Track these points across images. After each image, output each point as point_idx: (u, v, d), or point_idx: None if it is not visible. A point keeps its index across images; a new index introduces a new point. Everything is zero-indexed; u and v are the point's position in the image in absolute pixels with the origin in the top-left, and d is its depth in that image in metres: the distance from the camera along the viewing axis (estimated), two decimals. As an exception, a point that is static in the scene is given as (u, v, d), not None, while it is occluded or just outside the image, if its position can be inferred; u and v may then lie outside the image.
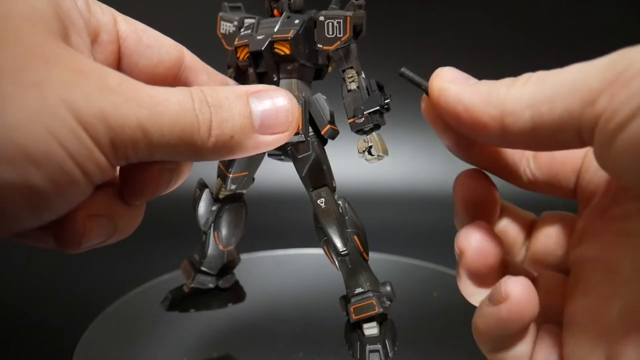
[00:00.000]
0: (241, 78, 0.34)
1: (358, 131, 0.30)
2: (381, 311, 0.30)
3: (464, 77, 0.25)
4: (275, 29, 0.30)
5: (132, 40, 0.29)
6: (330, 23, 0.30)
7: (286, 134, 0.27)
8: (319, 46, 0.30)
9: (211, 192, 0.37)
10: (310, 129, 0.30)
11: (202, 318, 0.44)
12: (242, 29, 0.32)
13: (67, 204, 0.21)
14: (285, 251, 0.62)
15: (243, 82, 0.33)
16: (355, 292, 0.31)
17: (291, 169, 0.32)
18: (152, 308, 0.48)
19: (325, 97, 0.31)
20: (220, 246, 0.38)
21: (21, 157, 0.19)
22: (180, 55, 0.30)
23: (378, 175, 0.85)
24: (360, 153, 0.30)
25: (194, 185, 0.37)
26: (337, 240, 0.30)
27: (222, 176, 0.35)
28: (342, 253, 0.30)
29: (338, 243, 0.30)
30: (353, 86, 0.30)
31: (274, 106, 0.26)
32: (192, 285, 0.39)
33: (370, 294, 0.30)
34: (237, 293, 0.43)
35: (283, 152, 0.32)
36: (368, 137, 0.30)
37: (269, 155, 0.33)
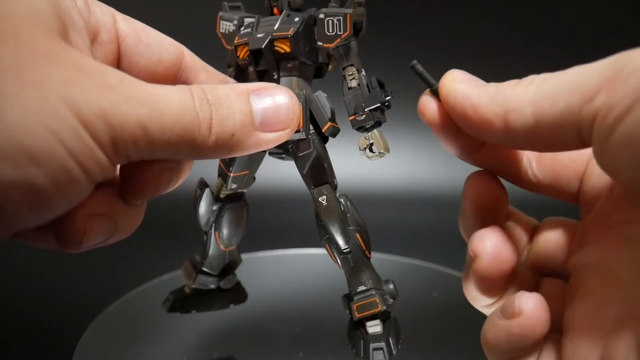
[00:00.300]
0: (241, 77, 0.33)
1: (359, 128, 0.30)
2: (384, 309, 0.30)
3: (473, 79, 0.25)
4: (275, 27, 0.30)
5: (132, 39, 0.28)
6: (330, 21, 0.30)
7: (287, 132, 0.27)
8: (319, 44, 0.30)
9: (212, 192, 0.37)
10: (311, 127, 0.30)
11: (202, 318, 0.44)
12: (242, 28, 0.32)
13: (68, 203, 0.21)
14: (285, 251, 0.62)
15: (243, 81, 0.33)
16: (357, 290, 0.30)
17: (291, 169, 0.32)
18: (152, 308, 0.48)
19: (326, 95, 0.30)
20: (221, 246, 0.38)
21: (22, 156, 0.19)
22: (180, 54, 0.30)
23: (378, 175, 0.85)
24: (361, 150, 0.30)
25: (194, 185, 0.37)
26: (339, 238, 0.30)
27: (223, 175, 0.35)
28: (345, 251, 0.30)
29: (340, 241, 0.30)
30: (353, 84, 0.30)
31: (275, 104, 0.26)
32: (194, 286, 0.39)
33: (373, 292, 0.30)
34: (239, 294, 0.43)
35: (284, 151, 0.31)
36: (369, 135, 0.30)
37: (270, 153, 0.33)
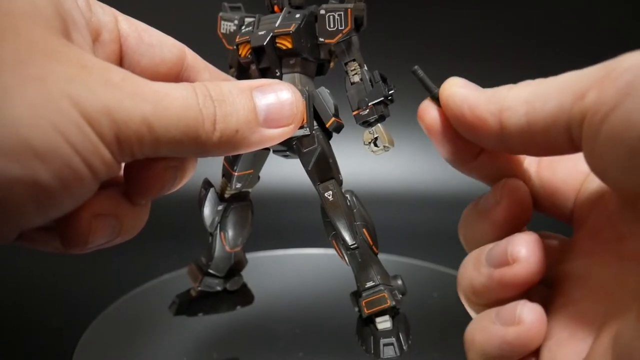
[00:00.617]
0: (243, 77, 0.33)
1: (363, 123, 0.30)
2: (393, 304, 0.29)
3: (474, 85, 0.26)
4: (276, 24, 0.30)
5: (134, 39, 0.28)
6: (331, 16, 0.30)
7: (291, 127, 0.27)
8: (321, 40, 0.30)
9: (216, 192, 0.36)
10: (315, 123, 0.30)
11: (203, 318, 0.43)
12: (243, 27, 0.32)
13: (73, 201, 0.21)
14: (285, 251, 0.62)
15: None
16: (366, 286, 0.30)
17: (291, 170, 0.32)
18: (153, 308, 0.48)
19: (329, 91, 0.30)
20: (227, 247, 0.37)
21: (27, 152, 0.19)
22: (181, 54, 0.30)
23: (378, 175, 0.85)
24: (366, 145, 0.30)
25: (195, 186, 0.37)
26: (346, 233, 0.30)
27: (227, 175, 0.34)
28: (352, 247, 0.30)
29: (347, 236, 0.30)
30: (356, 79, 0.30)
31: (278, 99, 0.26)
32: (200, 288, 0.39)
33: (381, 287, 0.30)
34: (245, 295, 0.42)
35: (288, 148, 0.31)
36: (373, 129, 0.30)
37: (274, 151, 0.33)
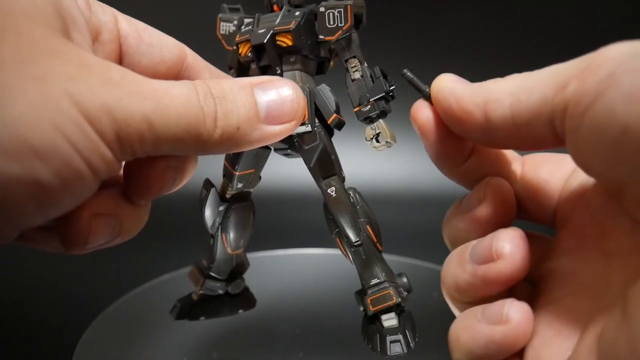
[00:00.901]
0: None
1: (365, 119, 0.30)
2: (399, 301, 0.29)
3: (463, 80, 0.26)
4: (276, 22, 0.30)
5: (133, 39, 0.28)
6: (331, 13, 0.30)
7: (293, 124, 0.27)
8: (321, 37, 0.30)
9: (217, 192, 0.36)
10: (316, 120, 0.30)
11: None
12: (243, 27, 0.33)
13: (73, 200, 0.21)
14: (285, 251, 0.62)
15: None
16: (371, 284, 0.30)
17: (291, 170, 0.32)
18: (152, 308, 0.48)
19: (329, 88, 0.30)
20: (228, 249, 0.37)
21: (27, 151, 0.19)
22: (182, 53, 0.30)
23: (378, 175, 0.85)
24: (368, 141, 0.30)
25: (196, 186, 0.37)
26: (350, 230, 0.30)
27: (229, 175, 0.34)
28: (356, 244, 0.30)
29: (351, 233, 0.30)
30: (357, 75, 0.30)
31: (279, 96, 0.26)
32: (201, 292, 0.38)
33: (386, 284, 0.29)
34: (248, 299, 0.42)
35: (289, 145, 0.31)
36: (375, 125, 0.30)
37: (276, 150, 0.33)
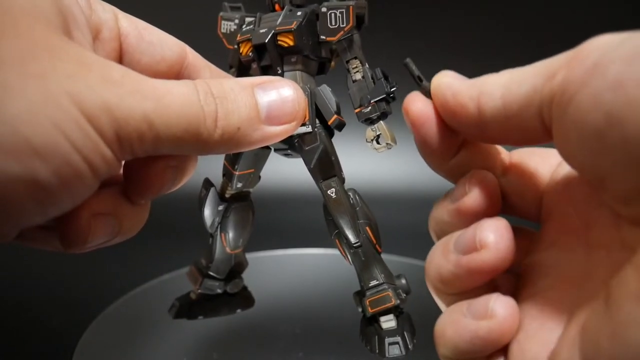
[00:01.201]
0: (243, 77, 0.33)
1: (365, 120, 0.30)
2: (398, 303, 0.29)
3: (463, 77, 0.26)
4: (278, 22, 0.30)
5: (134, 37, 0.28)
6: (332, 14, 0.30)
7: (293, 124, 0.27)
8: (322, 37, 0.30)
9: (217, 192, 0.36)
10: (317, 121, 0.30)
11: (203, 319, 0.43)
12: (244, 26, 0.32)
13: (73, 199, 0.21)
14: (285, 251, 0.62)
15: None
16: (370, 285, 0.30)
17: (291, 170, 0.32)
18: (153, 308, 0.48)
19: (330, 89, 0.30)
20: (227, 249, 0.37)
21: (26, 149, 0.18)
22: (182, 52, 0.30)
23: (378, 175, 0.85)
24: (368, 142, 0.30)
25: (195, 185, 0.37)
26: (349, 232, 0.30)
27: (228, 174, 0.34)
28: (355, 245, 0.30)
29: (350, 235, 0.29)
30: (358, 76, 0.30)
31: (280, 96, 0.26)
32: (200, 291, 0.38)
33: (385, 286, 0.29)
34: (246, 298, 0.42)
35: (290, 146, 0.31)
36: (376, 126, 0.30)
37: (276, 150, 0.32)
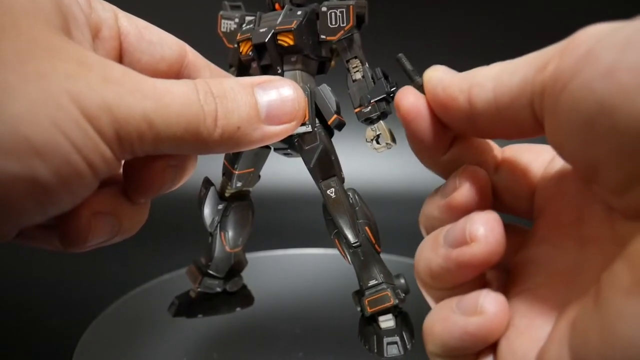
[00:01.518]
0: (243, 76, 0.33)
1: (365, 120, 0.30)
2: (396, 303, 0.29)
3: (454, 71, 0.26)
4: (278, 21, 0.30)
5: (134, 36, 0.28)
6: (333, 13, 0.30)
7: (293, 124, 0.27)
8: (322, 37, 0.30)
9: (217, 191, 0.36)
10: (316, 120, 0.30)
11: (203, 318, 0.43)
12: (244, 25, 0.32)
13: (73, 198, 0.21)
14: (285, 251, 0.62)
15: None
16: (369, 285, 0.30)
17: (290, 169, 0.32)
18: (152, 308, 0.48)
19: (330, 89, 0.30)
20: (227, 248, 0.37)
21: (25, 149, 0.18)
22: (182, 51, 0.30)
23: (378, 175, 0.85)
24: (368, 142, 0.30)
25: (195, 184, 0.37)
26: (349, 231, 0.29)
27: (228, 174, 0.34)
28: (354, 245, 0.30)
29: (349, 235, 0.29)
30: (358, 76, 0.30)
31: (280, 96, 0.26)
32: (199, 289, 0.38)
33: (384, 286, 0.29)
34: (245, 297, 0.42)
35: (289, 145, 0.31)
36: (376, 126, 0.30)
37: (275, 149, 0.32)
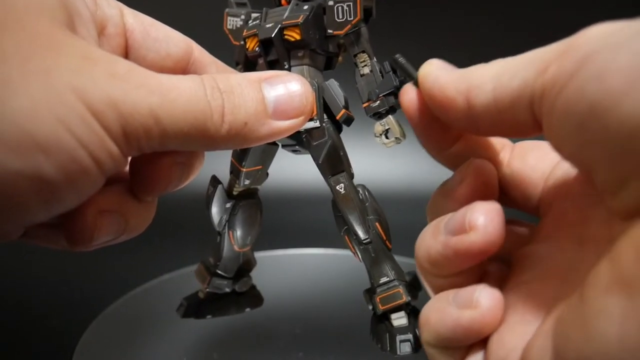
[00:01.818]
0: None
1: (374, 115, 0.30)
2: (409, 300, 0.29)
3: (450, 67, 0.25)
4: (284, 16, 0.30)
5: (140, 33, 0.28)
6: (340, 7, 0.29)
7: (301, 119, 0.26)
8: (329, 31, 0.30)
9: (224, 189, 0.36)
10: (325, 116, 0.30)
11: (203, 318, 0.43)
12: (250, 21, 0.32)
13: (78, 195, 0.21)
14: (285, 251, 0.62)
15: None
16: (380, 282, 0.29)
17: (293, 169, 0.31)
18: (153, 308, 0.48)
19: (338, 84, 0.30)
20: (235, 247, 0.36)
21: (30, 145, 0.18)
22: (188, 48, 0.30)
23: (378, 175, 0.85)
24: (377, 137, 0.30)
25: (202, 183, 0.36)
26: (359, 228, 0.29)
27: (236, 172, 0.34)
28: (365, 241, 0.29)
29: (360, 231, 0.29)
30: (366, 70, 0.30)
31: (287, 91, 0.26)
32: (208, 289, 0.38)
33: (396, 283, 0.29)
34: (255, 297, 0.41)
35: (297, 141, 0.31)
36: (384, 121, 0.30)
37: (283, 146, 0.32)
